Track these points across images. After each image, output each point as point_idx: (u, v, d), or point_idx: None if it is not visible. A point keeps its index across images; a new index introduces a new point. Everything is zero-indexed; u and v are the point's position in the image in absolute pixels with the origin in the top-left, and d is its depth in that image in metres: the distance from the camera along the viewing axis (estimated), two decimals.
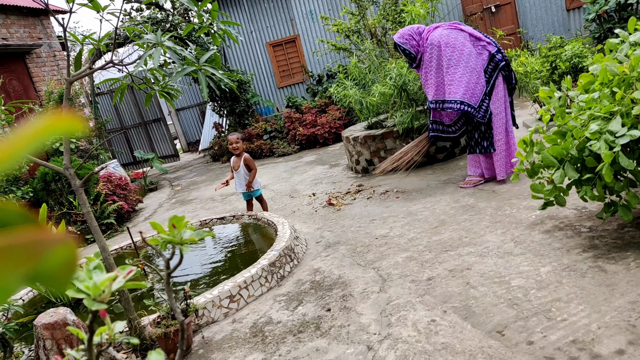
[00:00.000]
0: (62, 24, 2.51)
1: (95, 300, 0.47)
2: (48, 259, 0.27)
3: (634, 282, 2.37)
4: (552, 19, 10.76)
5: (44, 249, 0.26)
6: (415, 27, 4.48)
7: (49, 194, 6.45)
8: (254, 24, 11.97)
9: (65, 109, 2.53)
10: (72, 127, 0.28)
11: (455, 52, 4.22)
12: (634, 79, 2.55)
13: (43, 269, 0.27)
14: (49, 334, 2.43)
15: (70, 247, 0.27)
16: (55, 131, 0.27)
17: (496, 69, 4.26)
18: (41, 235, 0.26)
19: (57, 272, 0.28)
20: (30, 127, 0.27)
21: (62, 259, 0.28)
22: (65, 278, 0.28)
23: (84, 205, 2.49)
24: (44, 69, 9.86)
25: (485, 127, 4.40)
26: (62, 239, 0.27)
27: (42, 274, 0.27)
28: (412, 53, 4.41)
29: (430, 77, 4.39)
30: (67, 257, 0.28)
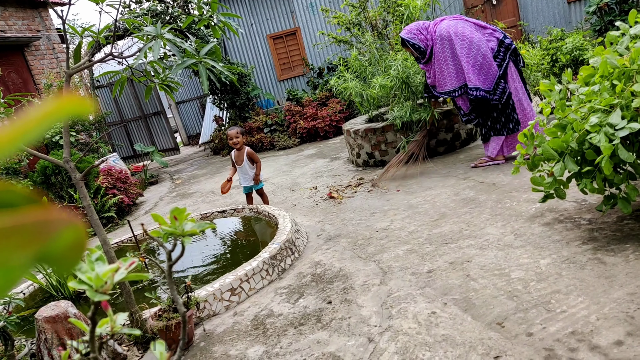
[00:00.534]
0: (61, 16, 2.50)
1: (98, 291, 0.48)
2: (56, 239, 0.27)
3: (632, 274, 2.37)
4: (553, 12, 10.71)
5: (52, 229, 0.26)
6: (421, 22, 4.56)
7: (49, 187, 6.46)
8: (254, 16, 11.92)
9: None
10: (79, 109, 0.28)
11: (465, 40, 4.30)
12: (634, 72, 2.54)
13: (51, 249, 0.27)
14: (50, 327, 2.45)
15: (78, 228, 0.27)
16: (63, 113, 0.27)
17: (507, 52, 4.36)
18: (49, 216, 0.26)
19: (65, 253, 0.28)
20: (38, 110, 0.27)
21: (70, 240, 0.28)
22: (73, 259, 0.28)
23: (84, 198, 2.50)
24: (43, 62, 9.83)
25: (498, 113, 4.49)
26: (70, 220, 0.27)
27: (51, 255, 0.27)
28: (422, 47, 4.46)
29: (446, 67, 4.46)
30: (75, 238, 0.28)
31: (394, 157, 5.20)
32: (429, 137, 5.73)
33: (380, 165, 6.00)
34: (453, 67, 4.41)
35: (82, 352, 0.68)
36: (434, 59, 4.48)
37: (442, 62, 4.43)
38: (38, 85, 9.55)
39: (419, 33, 4.44)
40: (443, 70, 4.46)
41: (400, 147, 5.67)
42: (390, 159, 5.92)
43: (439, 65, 4.47)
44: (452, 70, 4.43)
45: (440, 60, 4.43)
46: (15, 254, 0.24)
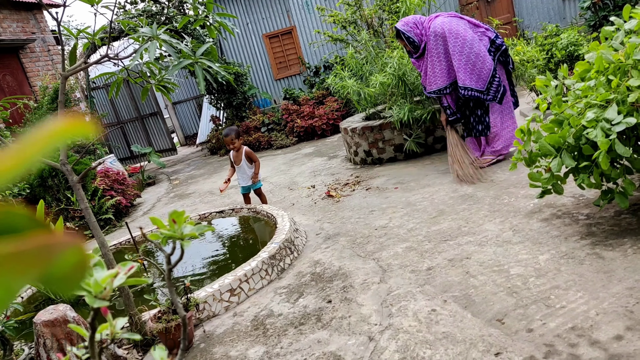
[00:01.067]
0: (55, 18, 2.49)
1: (97, 297, 0.47)
2: (58, 262, 0.27)
3: (631, 268, 2.38)
4: (547, 8, 10.72)
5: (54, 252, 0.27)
6: (417, 16, 4.53)
7: (46, 190, 6.44)
8: (250, 15, 11.90)
9: (60, 105, 2.51)
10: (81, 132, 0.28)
11: (458, 38, 4.29)
12: (629, 67, 2.54)
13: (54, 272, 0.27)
14: (49, 331, 2.44)
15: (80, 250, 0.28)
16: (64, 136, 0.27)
17: (497, 53, 4.36)
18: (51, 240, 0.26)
19: (68, 275, 0.28)
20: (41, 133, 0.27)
21: (72, 261, 0.28)
22: (76, 280, 0.29)
23: (81, 201, 2.49)
24: (38, 64, 9.79)
25: (482, 112, 4.50)
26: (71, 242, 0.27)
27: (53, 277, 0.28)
28: (416, 41, 4.44)
29: (438, 64, 4.44)
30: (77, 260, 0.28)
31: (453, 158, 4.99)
32: (426, 134, 5.73)
33: (378, 163, 6.00)
34: (445, 64, 4.40)
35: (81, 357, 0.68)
36: (427, 55, 4.47)
37: (434, 59, 4.42)
38: (33, 88, 9.52)
39: (415, 27, 4.43)
40: (435, 67, 4.45)
41: (407, 148, 5.67)
42: (388, 156, 5.92)
43: (431, 62, 4.46)
44: (444, 67, 4.42)
45: (432, 57, 4.42)
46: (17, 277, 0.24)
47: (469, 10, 11.03)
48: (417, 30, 4.42)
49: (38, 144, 0.26)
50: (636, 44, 2.55)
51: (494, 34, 4.39)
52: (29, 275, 0.24)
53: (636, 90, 2.43)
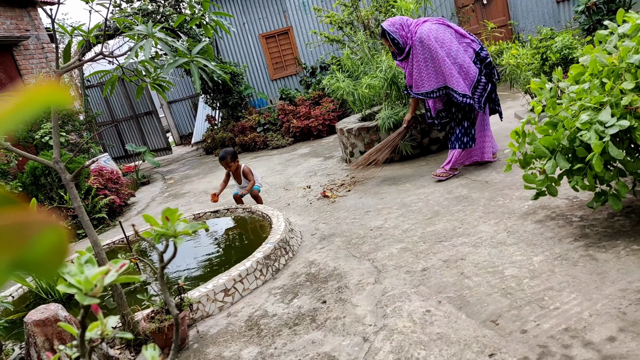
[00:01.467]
0: (50, 15, 2.47)
1: (87, 294, 0.46)
2: (35, 243, 0.25)
3: (624, 270, 2.39)
4: (542, 11, 10.78)
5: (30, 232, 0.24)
6: (405, 18, 4.48)
7: (38, 188, 6.40)
8: (247, 15, 11.88)
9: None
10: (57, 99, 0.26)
11: (444, 46, 4.26)
12: (622, 70, 2.56)
13: (30, 255, 0.25)
14: (40, 331, 2.42)
15: (58, 230, 0.25)
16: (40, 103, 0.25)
17: (482, 64, 4.35)
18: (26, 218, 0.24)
19: (46, 258, 0.25)
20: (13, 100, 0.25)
21: (50, 243, 0.25)
22: (55, 264, 0.26)
23: (74, 199, 2.47)
24: (32, 62, 9.73)
25: (469, 124, 4.51)
26: (49, 221, 0.25)
27: (30, 260, 0.25)
28: (401, 43, 4.40)
29: (425, 68, 4.41)
30: (56, 242, 0.26)
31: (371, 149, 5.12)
32: (422, 136, 5.73)
33: (373, 163, 6.00)
34: (433, 69, 4.36)
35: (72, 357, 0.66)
36: (412, 59, 4.43)
37: (421, 64, 4.38)
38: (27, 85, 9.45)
39: (401, 28, 4.38)
40: (422, 71, 4.42)
41: (402, 148, 5.67)
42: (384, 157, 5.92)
43: (417, 67, 4.42)
44: (432, 72, 4.37)
45: (419, 62, 4.38)
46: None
47: (465, 13, 11.07)
48: (402, 32, 4.38)
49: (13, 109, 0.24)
50: (629, 48, 2.56)
51: (479, 45, 4.37)
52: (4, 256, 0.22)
53: (629, 93, 2.44)
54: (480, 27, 10.62)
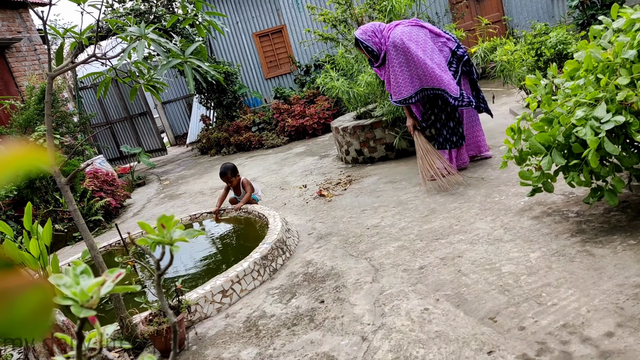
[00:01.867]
0: (41, 17, 2.45)
1: (84, 306, 0.46)
2: (18, 305, 0.24)
3: (620, 265, 2.40)
4: (536, 6, 10.80)
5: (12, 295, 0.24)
6: (377, 24, 4.37)
7: (33, 192, 6.36)
8: (240, 14, 11.84)
9: (47, 106, 2.48)
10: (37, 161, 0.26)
11: (419, 47, 4.18)
12: (617, 65, 2.56)
13: (14, 317, 0.24)
14: None
15: (42, 289, 0.25)
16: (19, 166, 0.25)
17: (459, 63, 4.28)
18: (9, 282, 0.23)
19: (31, 318, 0.25)
20: None
21: (35, 303, 0.25)
22: (41, 323, 0.26)
23: (70, 202, 2.45)
24: (25, 64, 9.67)
25: (454, 123, 4.46)
26: (33, 282, 0.24)
27: (14, 322, 0.24)
28: (375, 50, 4.31)
29: (401, 73, 4.31)
30: (40, 301, 0.25)
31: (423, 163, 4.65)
32: None
33: (369, 162, 6.00)
34: (408, 74, 4.27)
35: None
36: (388, 65, 4.34)
37: (396, 69, 4.29)
38: (20, 88, 9.40)
39: (374, 35, 4.29)
40: (398, 77, 4.33)
41: (395, 144, 5.67)
42: (379, 155, 5.92)
43: (393, 73, 4.34)
44: (407, 77, 4.29)
45: (394, 67, 4.29)
46: None
47: (459, 9, 11.07)
48: (375, 39, 4.29)
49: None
50: (624, 43, 2.57)
51: (455, 44, 4.29)
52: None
53: (625, 88, 2.45)
54: (474, 23, 10.63)
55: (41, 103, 8.00)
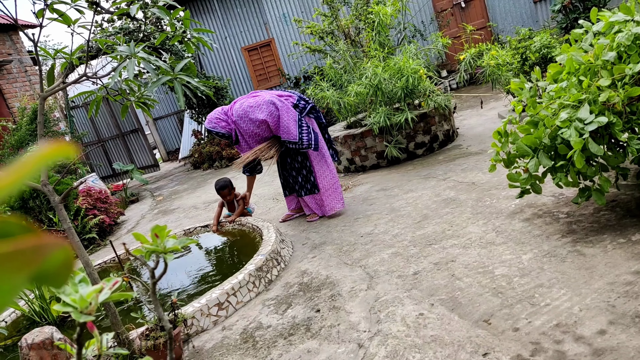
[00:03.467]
0: (32, 39, 2.48)
1: (83, 312, 0.48)
2: (48, 261, 0.31)
3: (611, 263, 2.44)
4: (520, 12, 10.97)
5: (44, 252, 0.30)
6: (219, 109, 4.53)
7: (27, 211, 6.34)
8: (228, 29, 11.93)
9: (40, 126, 2.50)
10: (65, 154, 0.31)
11: (259, 106, 4.34)
12: (599, 67, 2.62)
13: (44, 270, 0.31)
14: (36, 354, 2.40)
15: (66, 250, 0.31)
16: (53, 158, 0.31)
17: (302, 113, 4.44)
18: (41, 241, 0.30)
19: (56, 272, 0.32)
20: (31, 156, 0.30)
21: (60, 260, 0.32)
22: (63, 277, 0.33)
23: (64, 221, 2.46)
24: (16, 85, 9.67)
25: (307, 172, 4.57)
26: (58, 243, 0.30)
27: (44, 274, 0.31)
28: (226, 134, 4.47)
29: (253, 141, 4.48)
30: (64, 259, 0.32)
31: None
32: (408, 140, 5.79)
33: (361, 170, 6.04)
34: (264, 132, 4.43)
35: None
36: (244, 137, 4.50)
37: (252, 135, 4.45)
38: (12, 109, 9.39)
39: (219, 120, 4.46)
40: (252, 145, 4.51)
41: (387, 154, 5.72)
42: (371, 164, 5.97)
43: (251, 139, 4.49)
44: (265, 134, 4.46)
45: (249, 134, 4.45)
46: (13, 276, 0.28)
47: (444, 17, 11.23)
48: (223, 123, 4.45)
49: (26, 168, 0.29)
50: (604, 45, 2.63)
51: (296, 98, 4.49)
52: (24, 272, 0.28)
53: (606, 89, 2.51)
54: (460, 30, 10.78)
55: (33, 123, 8.00)
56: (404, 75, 5.43)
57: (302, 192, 4.65)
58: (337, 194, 4.64)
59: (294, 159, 4.60)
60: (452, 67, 11.40)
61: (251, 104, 4.39)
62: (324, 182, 4.59)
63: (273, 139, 4.54)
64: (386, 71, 5.47)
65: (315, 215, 4.67)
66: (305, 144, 4.38)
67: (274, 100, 4.37)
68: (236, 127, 4.46)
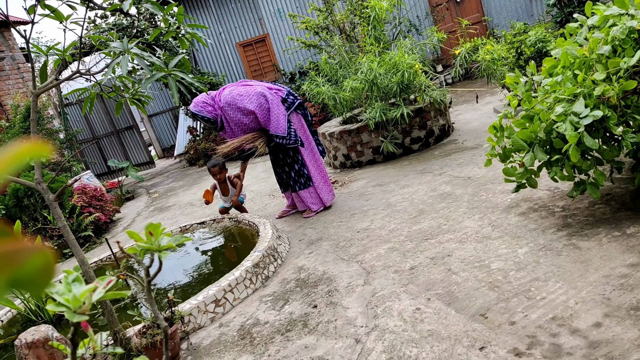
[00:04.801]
0: (24, 35, 2.46)
1: (76, 312, 0.47)
2: (26, 266, 0.30)
3: (606, 256, 2.45)
4: (515, 6, 10.97)
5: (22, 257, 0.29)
6: (204, 95, 4.51)
7: (22, 210, 6.30)
8: (223, 24, 11.88)
9: (33, 124, 2.48)
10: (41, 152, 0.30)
11: (249, 95, 4.35)
12: (593, 61, 2.63)
13: (22, 275, 0.30)
14: (32, 353, 2.39)
15: (46, 254, 0.30)
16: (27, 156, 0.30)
17: (290, 109, 4.46)
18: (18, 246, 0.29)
19: (35, 277, 0.31)
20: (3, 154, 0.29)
21: (39, 265, 0.31)
22: (43, 283, 0.31)
23: (59, 219, 2.45)
24: (9, 82, 9.60)
25: (299, 166, 4.60)
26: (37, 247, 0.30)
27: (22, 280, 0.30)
28: (212, 118, 4.46)
29: (238, 130, 4.48)
30: (44, 264, 0.31)
31: None
32: (403, 135, 5.79)
33: (357, 166, 6.04)
34: (251, 122, 4.43)
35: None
36: (230, 124, 4.50)
37: (238, 123, 4.45)
38: (4, 107, 9.33)
39: (206, 105, 4.44)
40: (238, 133, 4.50)
41: (383, 149, 5.72)
42: (367, 159, 5.97)
43: (237, 127, 4.48)
44: (248, 129, 4.46)
45: (236, 122, 4.45)
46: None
47: (439, 11, 11.21)
48: (208, 107, 4.44)
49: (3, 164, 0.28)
50: (599, 39, 2.64)
51: (285, 92, 4.51)
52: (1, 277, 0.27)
53: (601, 83, 2.51)
54: (455, 24, 10.77)
55: (26, 121, 7.95)
56: (399, 70, 5.43)
57: (297, 187, 4.66)
58: (328, 185, 4.73)
59: (286, 154, 4.61)
60: (447, 62, 11.40)
61: (241, 93, 4.38)
62: (316, 175, 4.62)
63: (259, 132, 4.53)
64: (382, 66, 5.46)
65: (311, 211, 4.68)
66: (293, 139, 4.41)
67: (265, 92, 4.36)
68: (223, 113, 4.44)
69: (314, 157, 4.65)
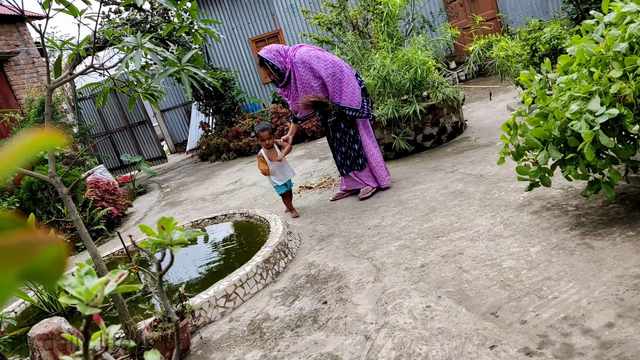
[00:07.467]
0: (39, 30, 2.48)
1: (88, 305, 0.48)
2: (39, 258, 0.30)
3: (620, 256, 2.42)
4: (530, 2, 10.83)
5: (35, 249, 0.30)
6: (280, 46, 4.46)
7: (36, 203, 6.39)
8: (235, 20, 11.90)
9: (47, 117, 2.51)
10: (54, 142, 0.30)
11: (328, 61, 4.31)
12: (610, 59, 2.58)
13: (35, 267, 0.30)
14: (44, 344, 2.43)
15: (59, 246, 0.31)
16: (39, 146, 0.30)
17: (360, 86, 4.45)
18: (32, 237, 0.29)
19: (48, 269, 0.31)
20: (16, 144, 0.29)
21: (52, 257, 0.31)
22: (56, 274, 0.32)
23: (72, 212, 2.48)
24: (24, 77, 9.72)
25: (359, 146, 4.58)
26: (51, 239, 0.30)
27: (35, 271, 0.30)
28: (280, 69, 4.39)
29: (310, 89, 4.41)
30: (56, 256, 0.31)
31: None
32: (415, 132, 5.76)
33: None
34: (318, 88, 4.37)
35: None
36: (296, 83, 4.41)
37: (305, 84, 4.37)
38: (19, 101, 9.45)
39: (278, 55, 4.37)
40: (308, 92, 4.42)
41: (395, 146, 5.70)
42: None
43: (303, 88, 4.40)
44: (318, 91, 4.39)
45: (304, 83, 4.37)
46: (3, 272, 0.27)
47: (453, 8, 11.12)
48: (280, 58, 4.37)
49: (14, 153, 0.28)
50: (615, 36, 2.59)
51: (355, 72, 4.51)
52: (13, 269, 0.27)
53: (618, 81, 2.47)
54: (469, 21, 10.67)
55: (41, 115, 8.04)
56: (412, 67, 5.39)
57: (355, 167, 4.64)
58: (383, 166, 4.72)
59: (345, 133, 4.55)
60: (461, 59, 11.31)
61: (319, 56, 4.33)
62: (375, 155, 4.63)
63: (318, 104, 4.42)
64: (394, 62, 5.43)
65: (370, 188, 4.64)
66: (366, 112, 4.41)
67: (342, 63, 4.32)
68: (293, 68, 4.37)
69: (371, 139, 4.65)
